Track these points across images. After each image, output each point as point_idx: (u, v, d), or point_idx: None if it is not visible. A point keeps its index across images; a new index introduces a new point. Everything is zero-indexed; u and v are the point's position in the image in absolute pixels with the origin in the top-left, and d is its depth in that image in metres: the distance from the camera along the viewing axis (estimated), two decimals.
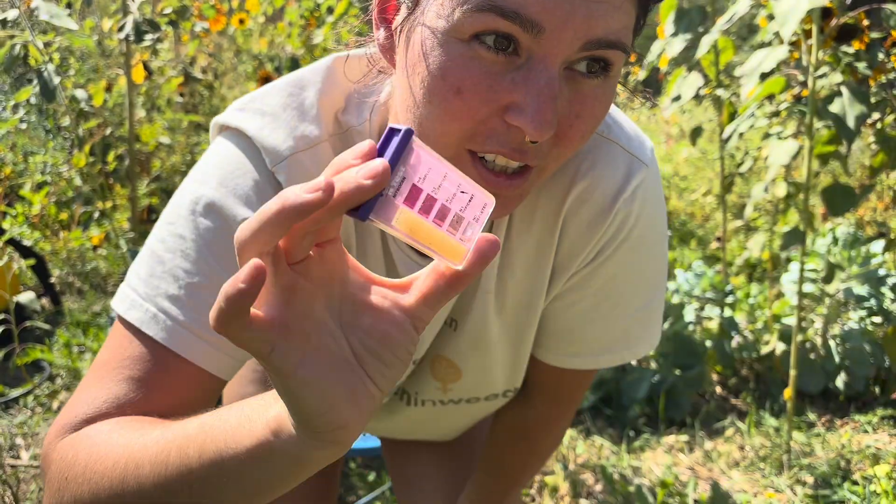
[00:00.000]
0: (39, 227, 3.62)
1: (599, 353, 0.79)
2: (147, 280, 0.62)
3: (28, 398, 2.29)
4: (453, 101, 0.51)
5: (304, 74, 0.68)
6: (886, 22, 1.74)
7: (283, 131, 0.63)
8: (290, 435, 0.42)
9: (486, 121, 0.52)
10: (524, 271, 0.73)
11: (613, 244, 0.70)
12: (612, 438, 2.18)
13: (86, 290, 3.24)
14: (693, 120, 5.29)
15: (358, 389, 0.41)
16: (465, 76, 0.50)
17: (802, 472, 1.93)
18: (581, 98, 0.52)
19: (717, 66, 2.28)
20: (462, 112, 0.51)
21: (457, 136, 0.53)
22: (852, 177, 3.82)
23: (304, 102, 0.65)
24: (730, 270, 3.18)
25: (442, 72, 0.50)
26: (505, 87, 0.50)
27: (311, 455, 0.43)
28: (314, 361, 0.40)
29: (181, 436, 0.49)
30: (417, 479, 1.09)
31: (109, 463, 0.52)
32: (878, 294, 2.36)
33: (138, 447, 0.51)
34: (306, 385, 0.39)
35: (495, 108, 0.51)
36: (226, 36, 4.22)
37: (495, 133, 0.52)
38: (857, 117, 1.58)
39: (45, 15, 1.85)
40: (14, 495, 1.81)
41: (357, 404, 0.41)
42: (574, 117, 0.53)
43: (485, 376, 0.84)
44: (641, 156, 0.70)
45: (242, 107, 0.66)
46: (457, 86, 0.50)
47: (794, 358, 1.87)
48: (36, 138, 3.99)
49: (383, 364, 0.42)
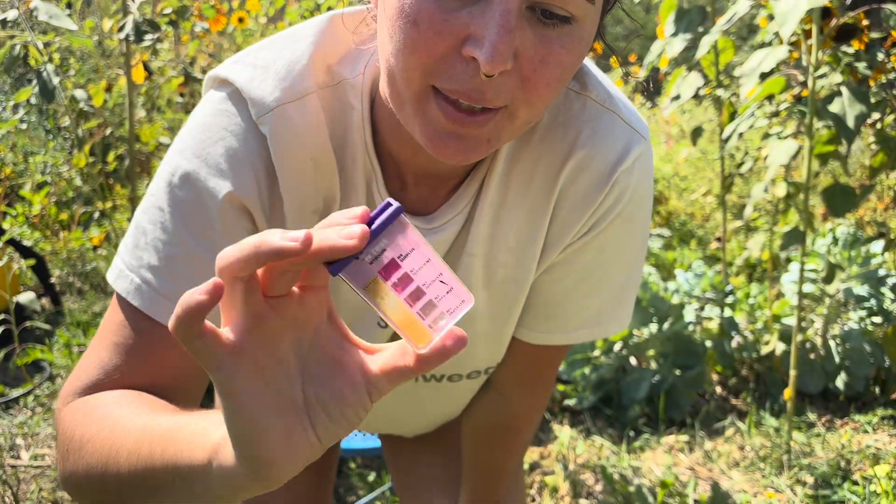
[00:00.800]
0: (40, 227, 3.62)
1: (574, 328, 0.79)
2: (132, 251, 0.64)
3: (28, 398, 2.29)
4: (411, 33, 0.51)
5: (299, 28, 0.68)
6: (886, 22, 1.74)
7: (270, 82, 0.63)
8: (226, 459, 0.43)
9: (446, 56, 0.52)
10: (517, 239, 0.72)
11: (608, 218, 0.70)
12: (612, 438, 2.18)
13: (86, 291, 3.24)
14: (693, 120, 5.29)
15: (295, 433, 0.42)
16: (422, 8, 0.51)
17: (802, 472, 1.93)
18: (546, 43, 0.52)
19: (717, 66, 2.28)
20: (419, 44, 0.52)
21: (418, 70, 0.53)
22: (852, 177, 3.82)
23: (294, 54, 0.65)
24: (730, 270, 3.18)
25: (401, 5, 0.52)
26: (461, 19, 0.51)
27: (240, 483, 0.44)
28: (259, 393, 0.41)
29: (156, 433, 0.51)
30: (421, 482, 1.09)
31: (98, 444, 0.54)
32: (877, 294, 2.36)
33: (122, 433, 0.53)
34: (243, 411, 0.40)
35: (452, 42, 0.52)
36: (226, 36, 4.22)
37: (454, 70, 0.53)
38: (856, 117, 1.58)
39: (43, 15, 1.85)
40: (14, 495, 1.81)
41: (290, 447, 0.42)
42: (538, 62, 0.53)
43: (467, 349, 0.83)
44: (641, 130, 0.70)
45: (236, 59, 0.67)
46: (413, 17, 0.51)
47: (794, 358, 1.87)
48: (36, 138, 4.00)
49: (329, 418, 0.43)
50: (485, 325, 0.80)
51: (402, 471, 1.12)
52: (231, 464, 0.43)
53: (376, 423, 1.05)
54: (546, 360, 0.87)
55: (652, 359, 2.37)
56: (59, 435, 0.60)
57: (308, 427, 0.42)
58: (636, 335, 2.36)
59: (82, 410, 0.58)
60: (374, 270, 0.41)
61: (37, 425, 2.14)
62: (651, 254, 3.51)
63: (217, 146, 0.63)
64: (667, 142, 5.14)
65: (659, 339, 2.33)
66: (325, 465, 1.10)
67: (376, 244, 0.41)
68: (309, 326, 0.43)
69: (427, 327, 0.42)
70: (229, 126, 0.63)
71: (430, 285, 0.42)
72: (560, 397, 2.36)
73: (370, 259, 0.41)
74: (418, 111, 0.55)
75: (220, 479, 0.44)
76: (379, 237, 0.41)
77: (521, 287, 0.76)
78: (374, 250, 0.41)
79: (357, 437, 1.48)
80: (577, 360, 2.38)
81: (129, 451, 0.51)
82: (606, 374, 2.32)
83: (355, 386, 0.43)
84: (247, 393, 0.40)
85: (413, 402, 0.95)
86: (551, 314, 0.79)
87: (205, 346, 0.39)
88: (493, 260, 0.73)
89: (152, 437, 0.50)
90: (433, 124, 0.55)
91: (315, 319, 0.44)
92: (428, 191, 0.70)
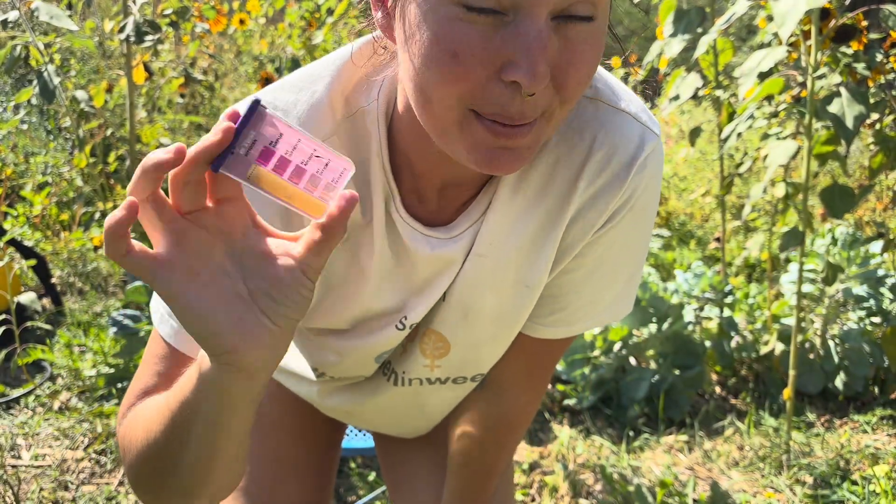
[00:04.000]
0: (40, 227, 3.62)
1: (579, 320, 0.80)
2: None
3: (29, 398, 2.29)
4: (450, 65, 0.53)
5: (316, 68, 0.69)
6: (885, 22, 1.74)
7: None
8: (206, 365, 0.51)
9: (486, 84, 0.54)
10: (532, 242, 0.73)
11: (621, 213, 0.72)
12: (611, 438, 2.18)
13: (87, 291, 3.25)
14: (692, 120, 5.30)
15: (248, 320, 0.48)
16: (459, 39, 0.52)
17: (802, 471, 1.94)
18: (571, 45, 0.54)
19: (716, 66, 2.29)
20: (460, 74, 0.53)
21: (457, 98, 0.55)
22: (851, 177, 3.83)
23: (314, 97, 0.67)
24: (729, 271, 3.19)
25: (436, 38, 0.53)
26: (497, 44, 0.52)
27: (224, 380, 0.50)
28: (199, 293, 0.48)
29: (170, 393, 0.57)
30: (410, 480, 1.09)
31: (140, 430, 0.60)
32: (877, 294, 2.36)
33: (153, 412, 0.60)
34: (189, 310, 0.47)
35: (492, 69, 0.53)
36: (226, 37, 4.23)
37: (494, 94, 0.54)
38: (855, 118, 1.58)
39: (44, 16, 1.85)
40: (15, 495, 1.82)
41: (246, 333, 0.48)
42: (567, 64, 0.54)
43: (473, 353, 0.84)
44: (652, 126, 0.71)
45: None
46: (452, 49, 0.52)
47: (794, 358, 1.88)
48: (37, 139, 4.00)
49: (274, 302, 0.49)
50: (492, 329, 0.80)
51: (393, 468, 1.12)
52: (209, 367, 0.50)
53: (383, 422, 1.06)
54: (548, 353, 0.88)
55: (651, 359, 2.38)
56: (119, 448, 0.67)
57: (259, 313, 0.49)
58: (636, 335, 2.37)
59: (130, 418, 0.65)
60: (252, 160, 0.46)
61: (37, 425, 2.15)
62: (650, 254, 3.52)
63: None
64: (666, 142, 5.14)
65: (658, 339, 2.34)
66: (326, 466, 1.10)
67: (245, 137, 0.45)
68: (235, 232, 0.50)
69: (318, 199, 0.47)
70: None
71: (308, 162, 0.47)
72: (560, 397, 2.37)
73: (244, 151, 0.46)
74: (463, 136, 0.57)
75: (210, 385, 0.51)
76: (246, 131, 0.45)
77: (533, 291, 0.77)
78: (245, 143, 0.45)
79: (357, 437, 1.48)
80: (577, 360, 2.38)
81: (159, 416, 0.58)
82: (606, 373, 2.32)
83: (289, 268, 0.49)
84: (187, 295, 0.47)
85: (418, 405, 0.96)
86: (557, 307, 0.80)
87: (133, 261, 0.46)
88: (504, 263, 0.74)
89: (169, 394, 0.57)
90: (481, 145, 0.57)
91: (239, 226, 0.50)
92: (446, 201, 0.72)
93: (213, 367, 0.50)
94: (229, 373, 0.50)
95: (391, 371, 0.89)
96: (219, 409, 0.52)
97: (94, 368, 2.32)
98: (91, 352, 2.49)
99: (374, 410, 0.97)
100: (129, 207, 0.45)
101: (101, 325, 2.78)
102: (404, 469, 1.10)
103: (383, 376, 0.90)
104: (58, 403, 2.28)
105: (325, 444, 1.10)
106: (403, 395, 0.91)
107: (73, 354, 2.50)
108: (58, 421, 2.17)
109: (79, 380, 2.36)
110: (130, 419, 0.64)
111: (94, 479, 1.94)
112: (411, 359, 0.85)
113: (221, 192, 0.49)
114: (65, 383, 2.39)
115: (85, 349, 2.58)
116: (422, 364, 0.85)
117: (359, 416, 1.02)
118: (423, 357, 0.84)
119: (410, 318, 0.79)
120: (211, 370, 0.51)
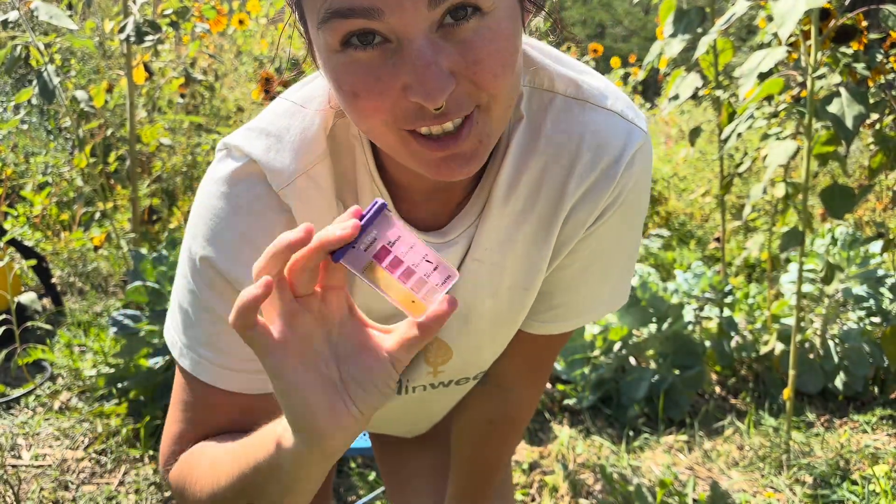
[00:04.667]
0: (41, 227, 3.63)
1: (576, 316, 0.81)
2: (185, 332, 0.72)
3: (29, 398, 2.29)
4: (357, 104, 0.55)
5: (310, 89, 0.70)
6: (885, 23, 1.75)
7: (287, 153, 0.66)
8: (289, 440, 0.53)
9: (396, 105, 0.55)
10: (525, 246, 0.74)
11: (612, 209, 0.72)
12: (611, 438, 2.18)
13: (87, 291, 3.25)
14: (692, 121, 5.29)
15: (338, 406, 0.51)
16: (354, 80, 0.54)
17: (801, 471, 1.94)
18: (468, 45, 0.54)
19: (716, 66, 2.29)
20: (368, 110, 0.55)
21: (381, 126, 0.57)
22: (851, 177, 3.83)
23: (305, 120, 0.68)
24: (729, 271, 3.19)
25: (338, 84, 0.55)
26: (389, 73, 0.53)
27: (304, 458, 0.53)
28: (303, 375, 0.50)
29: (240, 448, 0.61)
30: (410, 480, 1.09)
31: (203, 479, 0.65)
32: (876, 294, 2.36)
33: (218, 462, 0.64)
34: (292, 389, 0.50)
35: (395, 94, 0.54)
36: (226, 37, 4.23)
37: (410, 111, 0.55)
38: (855, 118, 1.58)
39: (44, 16, 1.86)
40: (15, 495, 1.82)
41: (336, 418, 0.50)
42: (472, 63, 0.54)
43: (475, 355, 0.85)
44: (639, 122, 0.72)
45: (250, 128, 0.69)
46: (352, 91, 0.55)
47: (793, 358, 1.88)
48: (37, 139, 4.00)
49: (364, 391, 0.51)
50: (491, 331, 0.81)
51: (392, 469, 1.13)
52: (292, 442, 0.53)
53: (385, 425, 1.06)
54: (547, 349, 0.88)
55: (651, 359, 2.38)
56: (173, 492, 0.71)
57: (348, 400, 0.51)
58: (636, 335, 2.37)
59: (184, 463, 0.69)
60: (369, 256, 0.50)
61: (38, 425, 2.15)
62: (650, 254, 3.52)
63: (231, 231, 0.67)
64: (666, 142, 5.14)
65: (658, 339, 2.34)
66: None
67: (367, 234, 0.49)
68: (334, 319, 0.52)
69: (421, 299, 0.50)
70: (244, 205, 0.67)
71: (419, 265, 0.50)
72: (560, 397, 2.37)
73: (364, 247, 0.49)
74: (409, 152, 0.58)
75: (289, 458, 0.53)
76: (369, 229, 0.49)
77: (529, 293, 0.77)
78: (367, 240, 0.49)
79: (358, 437, 1.49)
80: (577, 360, 2.38)
81: (226, 472, 0.61)
82: (606, 373, 2.32)
83: (380, 360, 0.51)
84: (292, 375, 0.50)
85: (420, 408, 0.96)
86: (553, 304, 0.80)
87: (256, 336, 0.49)
88: (500, 268, 0.75)
89: (238, 452, 0.61)
90: (427, 158, 0.58)
91: (338, 313, 0.52)
92: (438, 205, 0.72)
93: (296, 444, 0.52)
94: (311, 453, 0.52)
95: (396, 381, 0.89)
96: (294, 479, 0.55)
97: (94, 368, 2.32)
98: (91, 352, 2.49)
99: (378, 416, 0.98)
100: (266, 286, 0.47)
101: (101, 324, 2.78)
102: (404, 472, 1.10)
103: None
104: (58, 403, 2.28)
105: None
106: (408, 402, 0.92)
107: (74, 354, 2.50)
108: (58, 421, 2.17)
109: (79, 380, 2.37)
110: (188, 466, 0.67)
111: (94, 479, 1.94)
112: (416, 369, 0.86)
113: (330, 280, 0.51)
114: (65, 383, 2.39)
115: (85, 349, 2.58)
116: (425, 371, 0.86)
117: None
118: (427, 365, 0.85)
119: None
120: (294, 446, 0.52)
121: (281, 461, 0.54)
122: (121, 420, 2.13)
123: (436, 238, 0.72)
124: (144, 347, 2.07)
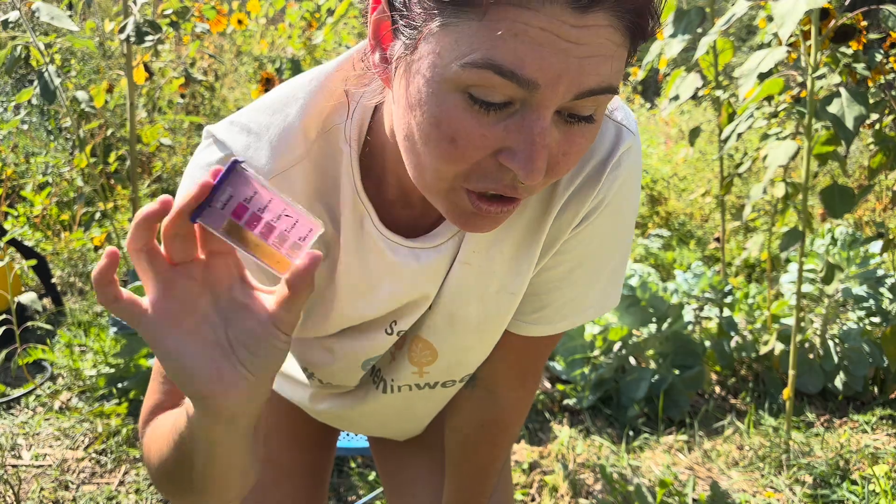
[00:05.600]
0: (41, 227, 3.63)
1: (563, 318, 0.80)
2: None
3: (30, 398, 2.30)
4: (447, 148, 0.53)
5: (293, 88, 0.69)
6: (884, 23, 1.75)
7: (264, 152, 0.66)
8: (192, 409, 0.54)
9: (480, 162, 0.54)
10: (514, 250, 0.74)
11: (598, 210, 0.72)
12: (611, 438, 2.18)
13: (87, 291, 3.25)
14: (692, 121, 5.30)
15: (225, 369, 0.51)
16: (460, 127, 0.52)
17: (801, 471, 1.94)
18: (570, 138, 0.55)
19: (716, 66, 2.29)
20: (456, 157, 0.54)
21: (452, 174, 0.56)
22: (851, 177, 3.83)
23: (286, 120, 0.67)
24: (729, 271, 3.19)
25: (437, 120, 0.53)
26: (498, 134, 0.52)
27: (204, 422, 0.53)
28: (182, 340, 0.50)
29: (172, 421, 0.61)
30: (409, 486, 1.09)
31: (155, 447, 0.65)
32: (876, 294, 2.36)
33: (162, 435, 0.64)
34: (168, 355, 0.50)
35: (489, 152, 0.54)
36: (226, 37, 4.23)
37: (488, 172, 0.55)
38: (855, 118, 1.58)
39: (45, 16, 1.86)
40: (15, 495, 1.82)
41: (224, 381, 0.51)
42: (562, 154, 0.55)
43: (461, 358, 0.85)
44: (628, 124, 0.72)
45: (232, 121, 0.69)
46: (451, 135, 0.53)
47: (793, 358, 1.88)
48: (37, 139, 4.00)
49: (249, 352, 0.51)
50: (477, 334, 0.81)
51: (390, 473, 1.13)
52: (192, 410, 0.54)
53: (374, 427, 1.06)
54: (536, 351, 0.88)
55: (651, 359, 2.38)
56: (144, 463, 0.72)
57: (236, 363, 0.51)
58: (636, 335, 2.37)
59: (149, 433, 0.69)
60: (227, 214, 0.49)
61: (38, 425, 2.15)
62: (650, 254, 3.52)
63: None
64: (666, 143, 5.14)
65: (658, 339, 2.34)
66: (320, 466, 1.11)
67: (222, 193, 0.49)
68: (221, 285, 0.52)
69: (285, 255, 0.50)
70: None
71: (278, 220, 0.49)
72: (560, 397, 2.37)
73: (220, 205, 0.49)
74: (447, 200, 0.58)
75: (196, 426, 0.55)
76: (223, 187, 0.49)
77: (517, 296, 0.77)
78: (222, 198, 0.49)
79: (356, 436, 1.49)
80: (577, 360, 2.38)
81: (166, 441, 0.62)
82: (606, 373, 2.32)
83: (262, 321, 0.51)
84: (170, 342, 0.50)
85: (407, 409, 0.96)
86: (539, 305, 0.80)
87: (121, 309, 0.49)
88: (488, 271, 0.75)
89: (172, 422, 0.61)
90: (463, 210, 0.58)
91: (227, 278, 0.53)
92: (421, 210, 0.72)
93: (196, 411, 0.54)
94: (208, 416, 0.53)
95: (380, 379, 0.89)
96: (209, 446, 0.56)
97: (94, 368, 2.32)
98: (91, 352, 2.49)
99: (365, 416, 0.98)
100: (108, 256, 0.48)
101: (101, 324, 2.78)
102: (403, 475, 1.10)
103: (373, 385, 0.90)
104: (58, 403, 2.28)
105: (319, 446, 1.11)
106: (393, 401, 0.92)
107: (74, 354, 2.50)
108: (58, 421, 2.18)
109: (79, 380, 2.37)
110: (148, 436, 0.68)
111: (94, 479, 1.94)
112: (400, 367, 0.86)
113: (211, 246, 0.52)
114: (65, 383, 2.39)
115: (85, 349, 2.58)
116: (410, 371, 0.86)
117: (349, 420, 1.02)
118: (412, 365, 0.85)
119: (399, 325, 0.79)
120: (195, 413, 0.54)
121: (193, 429, 0.55)
122: (121, 420, 2.13)
123: (423, 243, 0.72)
124: (144, 347, 2.07)
